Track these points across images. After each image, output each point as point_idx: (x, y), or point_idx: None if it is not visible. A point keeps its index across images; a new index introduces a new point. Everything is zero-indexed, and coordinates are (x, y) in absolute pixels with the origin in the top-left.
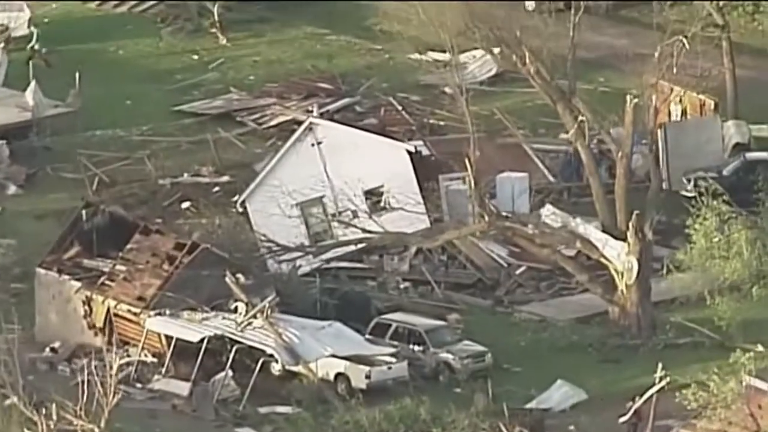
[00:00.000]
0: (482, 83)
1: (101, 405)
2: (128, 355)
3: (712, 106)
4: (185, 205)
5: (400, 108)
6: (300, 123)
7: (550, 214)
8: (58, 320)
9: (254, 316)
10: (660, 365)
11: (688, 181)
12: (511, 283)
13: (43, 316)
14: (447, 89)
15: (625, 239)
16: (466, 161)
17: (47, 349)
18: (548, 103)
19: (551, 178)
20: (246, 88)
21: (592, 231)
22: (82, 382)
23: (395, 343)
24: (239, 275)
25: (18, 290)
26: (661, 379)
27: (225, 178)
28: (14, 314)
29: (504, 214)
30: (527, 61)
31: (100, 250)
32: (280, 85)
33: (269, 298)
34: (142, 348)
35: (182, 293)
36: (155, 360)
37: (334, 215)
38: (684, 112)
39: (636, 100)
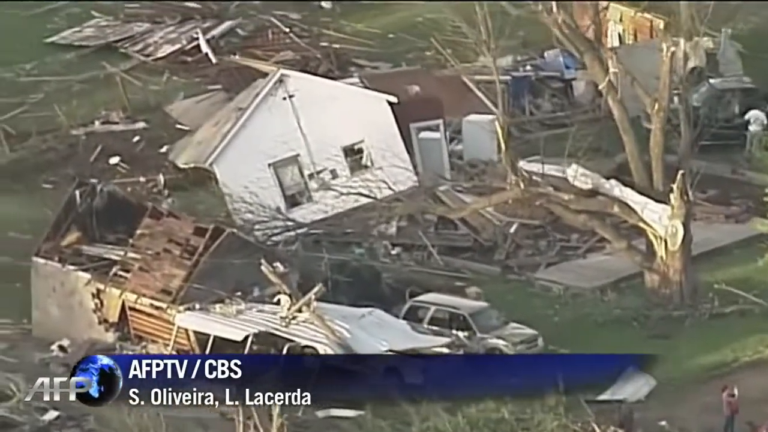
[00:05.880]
0: None
1: None
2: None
3: (662, 26)
4: (113, 160)
5: (287, 30)
6: (189, 53)
7: (578, 175)
8: (60, 315)
9: (299, 309)
10: None
11: None
12: (510, 245)
13: (41, 310)
14: (324, 4)
15: (662, 201)
16: (496, 123)
17: (54, 348)
18: (441, 20)
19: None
20: (108, 10)
21: (629, 193)
22: None
23: (435, 328)
24: (277, 264)
25: None
26: None
27: (141, 125)
28: None
29: (535, 178)
30: (554, 9)
31: (101, 234)
32: (144, 6)
33: (315, 289)
34: (173, 347)
35: (208, 284)
36: None
37: (311, 175)
38: (633, 34)
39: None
